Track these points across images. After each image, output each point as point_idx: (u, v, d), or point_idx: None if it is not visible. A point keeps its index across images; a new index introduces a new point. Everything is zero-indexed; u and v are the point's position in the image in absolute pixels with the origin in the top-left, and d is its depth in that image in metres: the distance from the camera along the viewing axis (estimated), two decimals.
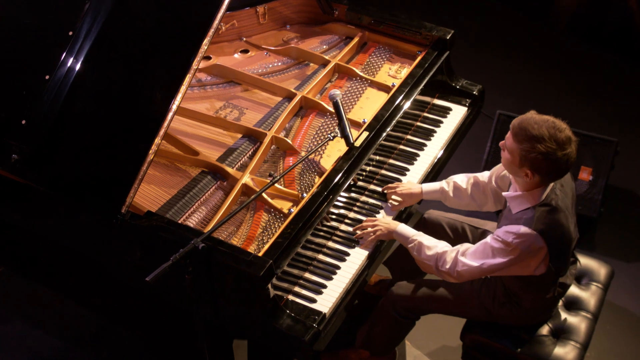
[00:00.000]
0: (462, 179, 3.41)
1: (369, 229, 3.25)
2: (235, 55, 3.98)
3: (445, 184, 3.42)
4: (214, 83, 3.80)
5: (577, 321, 3.31)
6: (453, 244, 3.57)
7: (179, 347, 3.62)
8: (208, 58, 3.92)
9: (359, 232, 3.27)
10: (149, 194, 3.23)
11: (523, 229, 2.89)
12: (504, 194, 3.07)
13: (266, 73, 3.88)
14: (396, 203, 3.42)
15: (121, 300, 3.67)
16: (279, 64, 3.95)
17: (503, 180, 3.29)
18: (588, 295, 3.41)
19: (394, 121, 3.54)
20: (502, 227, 2.95)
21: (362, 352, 3.69)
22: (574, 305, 3.38)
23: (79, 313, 4.05)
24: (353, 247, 3.26)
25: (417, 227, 3.69)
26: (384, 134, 3.48)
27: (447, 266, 3.06)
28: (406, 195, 3.41)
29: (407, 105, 3.63)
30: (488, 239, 2.99)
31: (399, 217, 3.44)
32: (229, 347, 3.32)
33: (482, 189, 3.37)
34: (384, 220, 3.29)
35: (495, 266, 2.96)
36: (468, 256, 3.03)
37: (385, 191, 3.45)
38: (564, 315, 3.32)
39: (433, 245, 3.14)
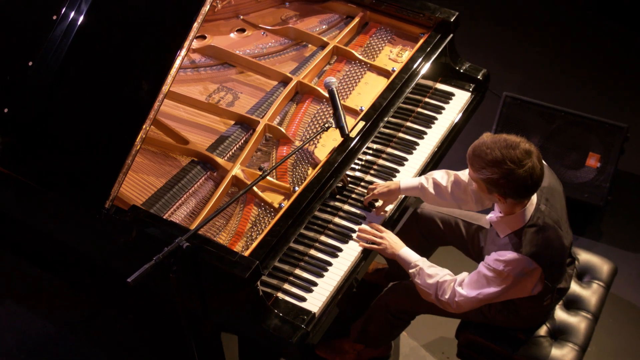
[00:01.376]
0: (442, 176, 3.24)
1: (375, 238, 3.14)
2: (232, 35, 3.84)
3: (424, 180, 3.26)
4: (208, 65, 3.67)
5: (576, 321, 3.21)
6: (445, 239, 3.50)
7: (170, 331, 3.57)
8: (203, 37, 3.79)
9: (363, 234, 3.16)
10: (137, 183, 3.14)
11: (511, 255, 2.79)
12: (487, 217, 2.97)
13: (263, 54, 3.74)
14: (378, 205, 3.29)
15: (112, 283, 3.59)
16: (277, 44, 3.80)
17: None
18: (589, 294, 3.30)
19: (392, 110, 3.40)
20: (491, 255, 2.85)
21: (356, 344, 3.62)
22: (573, 304, 3.27)
23: (71, 296, 3.99)
24: (346, 242, 3.16)
25: (409, 221, 3.59)
26: (381, 124, 3.35)
27: (446, 296, 2.97)
28: (384, 195, 3.26)
29: (406, 91, 3.48)
30: (480, 267, 2.89)
31: (390, 220, 3.31)
32: (217, 338, 3.24)
33: (462, 187, 3.21)
34: (391, 237, 3.16)
35: (492, 295, 2.87)
36: (464, 287, 2.93)
37: (365, 198, 3.30)
38: (563, 315, 3.22)
39: (434, 274, 3.02)
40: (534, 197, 2.85)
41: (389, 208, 3.30)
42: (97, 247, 3.18)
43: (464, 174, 3.22)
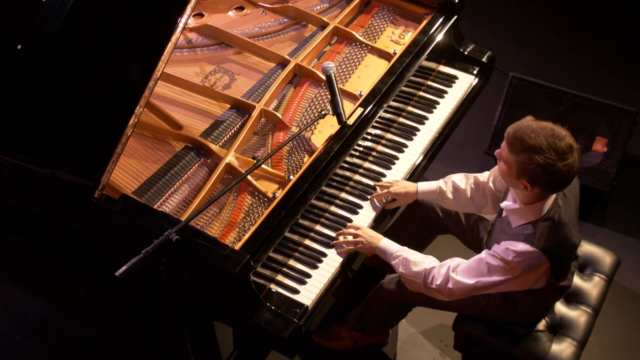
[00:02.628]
0: (460, 179, 3.16)
1: (350, 238, 3.03)
2: (230, 13, 3.74)
3: (443, 184, 3.18)
4: (205, 45, 3.58)
5: (576, 316, 3.14)
6: (445, 227, 3.42)
7: (166, 312, 3.53)
8: (200, 15, 3.69)
9: (340, 238, 3.05)
10: (130, 169, 3.07)
11: (524, 246, 2.66)
12: (502, 205, 2.83)
13: (261, 34, 3.64)
14: (385, 200, 3.21)
15: (107, 262, 3.55)
16: (276, 23, 3.70)
17: (501, 183, 3.05)
18: (590, 287, 3.23)
19: (393, 96, 3.31)
20: (502, 244, 2.72)
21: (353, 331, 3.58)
22: (574, 298, 3.20)
23: (68, 277, 3.96)
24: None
25: (409, 209, 3.52)
26: (381, 111, 3.26)
27: (438, 282, 2.83)
28: (401, 195, 3.18)
29: (407, 77, 3.39)
30: (483, 254, 2.77)
31: (382, 214, 3.23)
32: (210, 326, 3.20)
33: (481, 190, 3.13)
34: (367, 232, 3.03)
35: (491, 284, 2.76)
36: (460, 273, 2.81)
37: (378, 189, 3.21)
38: (562, 309, 3.15)
39: (420, 261, 2.89)
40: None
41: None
42: (90, 231, 3.12)
43: (483, 176, 3.14)
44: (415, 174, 3.35)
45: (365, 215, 3.15)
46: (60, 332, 3.75)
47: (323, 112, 3.08)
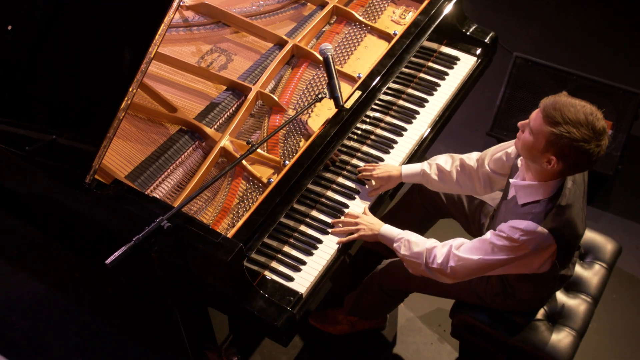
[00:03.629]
0: (445, 160, 3.08)
1: (351, 227, 2.97)
2: None
3: (427, 166, 3.10)
4: (202, 24, 3.50)
5: (575, 304, 3.09)
6: (447, 211, 3.37)
7: (161, 295, 3.50)
8: None
9: (339, 226, 2.99)
10: (123, 151, 3.01)
11: (532, 225, 2.58)
12: (511, 181, 2.74)
13: (259, 13, 3.56)
14: (373, 186, 3.13)
15: (103, 243, 3.51)
16: (274, 2, 3.62)
17: (499, 163, 2.96)
18: (590, 275, 3.18)
19: (392, 78, 3.24)
20: (507, 222, 2.63)
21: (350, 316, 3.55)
22: (573, 286, 3.15)
23: (63, 257, 3.92)
24: (338, 218, 3.03)
25: (411, 191, 3.47)
26: (379, 94, 3.19)
27: (439, 261, 2.76)
28: (384, 179, 3.10)
29: (407, 59, 3.31)
30: (488, 235, 2.68)
31: (387, 190, 3.17)
32: (204, 311, 3.17)
33: (467, 173, 3.04)
34: (367, 219, 2.98)
35: (495, 262, 2.67)
36: (463, 251, 2.72)
37: (360, 175, 3.14)
38: (561, 297, 3.11)
39: (421, 241, 2.83)
40: None
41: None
42: (83, 213, 3.07)
43: (470, 158, 3.05)
44: (415, 158, 3.28)
45: (362, 200, 3.09)
46: (56, 313, 3.73)
47: (320, 96, 3.01)
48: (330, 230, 2.99)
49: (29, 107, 2.88)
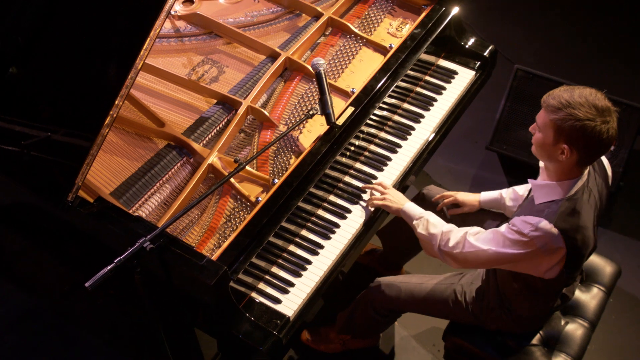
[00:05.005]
0: (523, 188, 3.08)
1: (378, 195, 3.01)
2: (221, 1, 3.57)
3: (504, 191, 3.14)
4: (194, 34, 3.42)
5: (571, 329, 3.01)
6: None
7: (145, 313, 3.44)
8: (190, 2, 3.52)
9: (368, 193, 3.07)
10: (109, 166, 2.94)
11: (544, 222, 2.54)
12: (529, 180, 2.73)
13: (252, 24, 3.48)
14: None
15: (91, 257, 3.45)
16: (268, 12, 3.53)
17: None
18: (588, 299, 3.09)
19: (386, 94, 3.15)
20: (519, 217, 2.61)
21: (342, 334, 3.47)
22: (570, 310, 3.07)
23: (53, 268, 3.85)
24: (328, 238, 2.95)
25: (414, 201, 3.39)
26: (373, 110, 3.10)
27: (451, 244, 2.75)
28: (467, 203, 3.21)
29: (403, 73, 3.22)
30: (502, 227, 2.65)
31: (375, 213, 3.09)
32: (191, 331, 3.10)
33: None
34: (394, 193, 3.01)
35: (504, 256, 2.64)
36: (476, 239, 2.71)
37: (441, 204, 3.26)
38: (557, 322, 3.01)
39: (439, 224, 2.85)
40: (585, 175, 2.62)
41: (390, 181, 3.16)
42: (66, 229, 3.00)
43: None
44: (410, 175, 3.20)
45: (353, 220, 3.01)
46: (44, 327, 3.66)
47: (311, 112, 2.93)
48: (337, 230, 2.97)
49: (9, 119, 2.81)
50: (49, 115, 2.77)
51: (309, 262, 2.88)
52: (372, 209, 3.04)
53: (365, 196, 3.07)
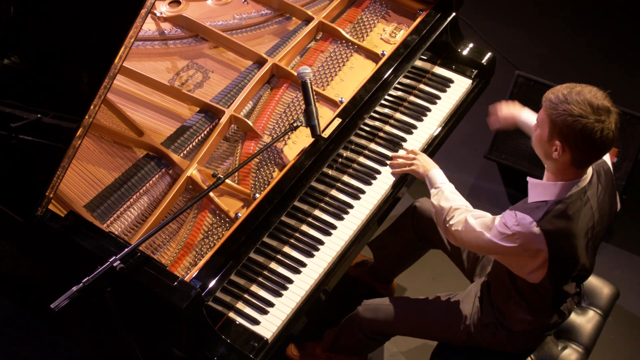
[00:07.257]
0: None
1: (406, 161, 3.00)
2: (208, 2, 3.44)
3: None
4: (179, 37, 3.29)
5: (565, 355, 2.87)
6: (440, 243, 3.20)
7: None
8: (177, 3, 3.39)
9: (396, 160, 3.05)
10: (85, 176, 2.82)
11: (527, 219, 2.49)
12: (528, 178, 2.65)
13: (241, 27, 3.34)
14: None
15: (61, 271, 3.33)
16: (257, 15, 3.40)
17: None
18: (583, 322, 2.96)
19: (376, 105, 3.02)
20: (511, 210, 2.56)
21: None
22: (564, 334, 2.94)
23: (35, 275, 3.74)
24: (312, 256, 2.82)
25: (405, 215, 3.28)
26: (361, 122, 2.97)
27: (453, 221, 2.73)
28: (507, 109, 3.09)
29: (394, 83, 3.09)
30: (498, 216, 2.60)
31: (379, 210, 2.99)
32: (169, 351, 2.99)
33: None
34: (424, 158, 3.01)
35: (490, 244, 2.60)
36: (474, 220, 2.66)
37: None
38: (551, 345, 2.88)
39: (452, 198, 2.82)
40: (584, 182, 2.53)
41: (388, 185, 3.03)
42: (36, 244, 2.89)
43: None
44: (401, 188, 3.07)
45: (338, 237, 2.88)
46: (25, 335, 3.57)
47: (295, 124, 2.80)
48: (321, 247, 2.84)
49: None
50: (19, 121, 2.64)
51: (291, 281, 2.75)
52: (393, 178, 3.02)
53: (352, 211, 2.94)
